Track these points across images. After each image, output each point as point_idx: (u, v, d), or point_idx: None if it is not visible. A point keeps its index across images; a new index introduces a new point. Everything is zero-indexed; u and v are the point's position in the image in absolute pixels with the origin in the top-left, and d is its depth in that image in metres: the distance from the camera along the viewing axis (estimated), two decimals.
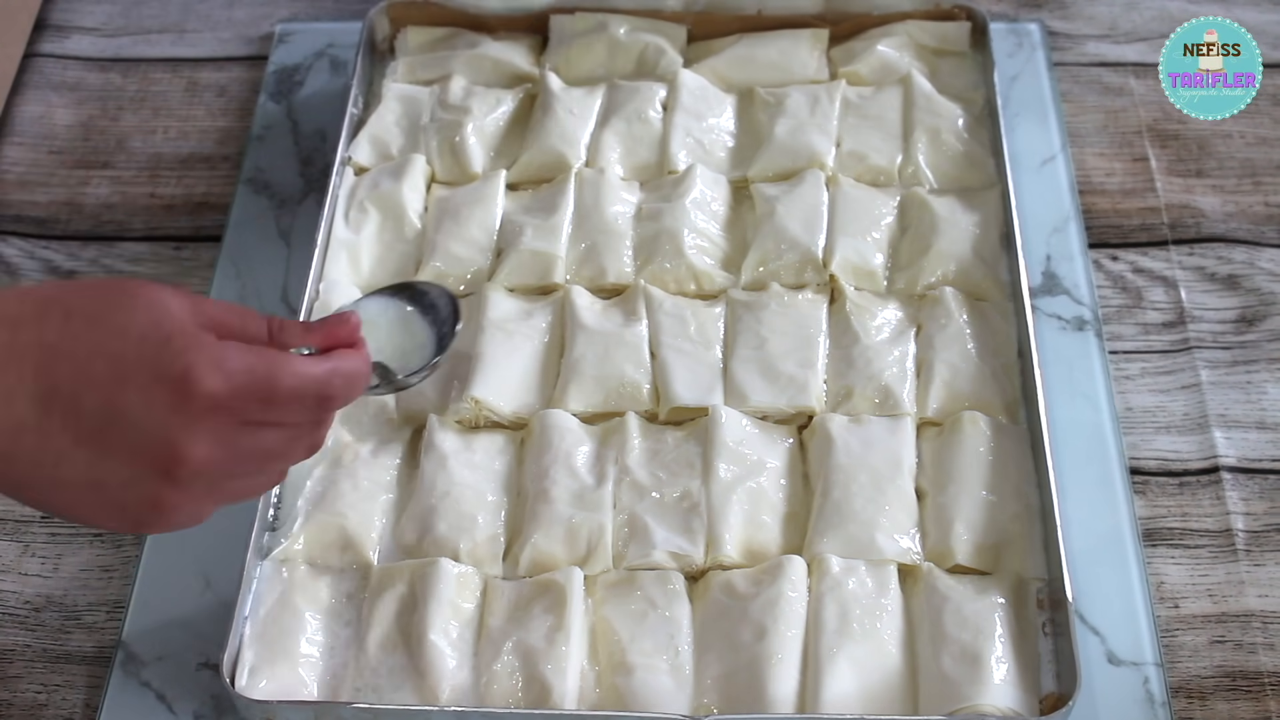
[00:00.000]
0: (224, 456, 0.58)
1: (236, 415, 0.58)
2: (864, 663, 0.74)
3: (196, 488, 0.58)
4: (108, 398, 0.56)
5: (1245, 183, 1.00)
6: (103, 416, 0.56)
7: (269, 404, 0.59)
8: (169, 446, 0.56)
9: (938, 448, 0.83)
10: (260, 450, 0.60)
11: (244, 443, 0.59)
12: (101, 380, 0.56)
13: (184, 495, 0.58)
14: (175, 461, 0.57)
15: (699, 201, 0.94)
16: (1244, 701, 0.76)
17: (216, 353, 0.57)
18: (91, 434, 0.56)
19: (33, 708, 0.77)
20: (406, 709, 0.72)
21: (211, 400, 0.56)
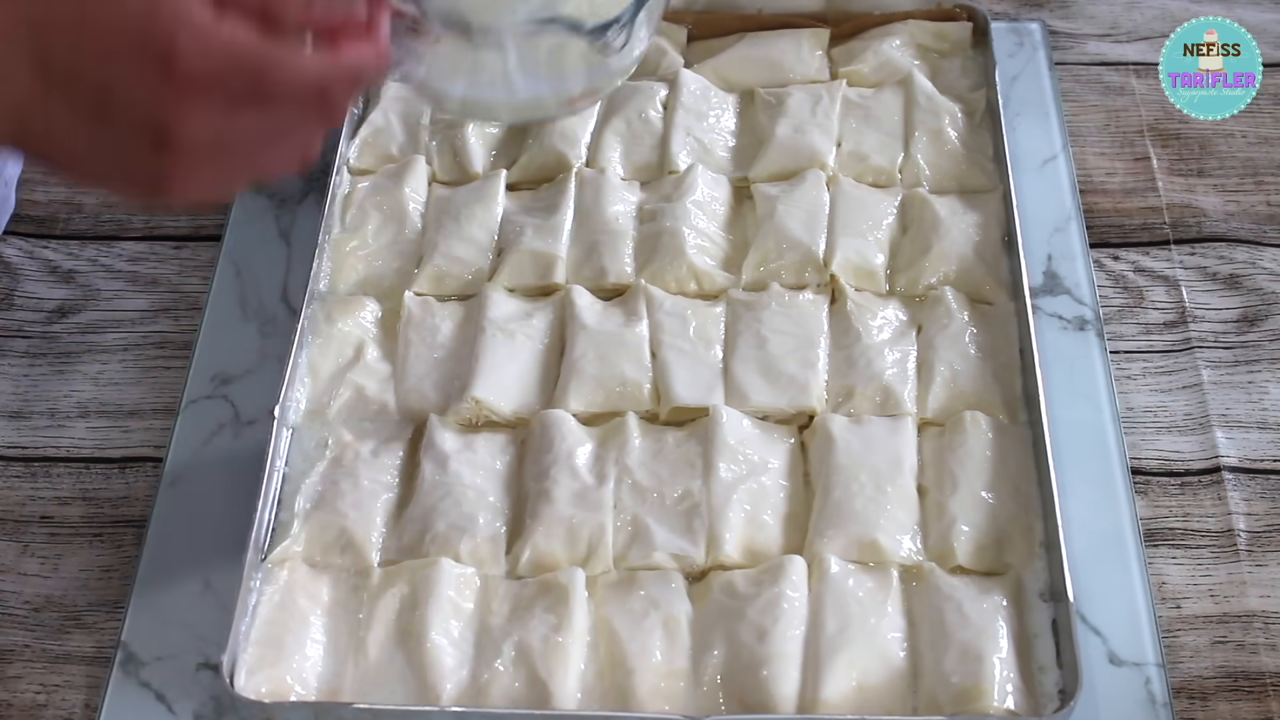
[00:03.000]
0: (215, 136, 0.57)
1: (224, 96, 0.56)
2: (864, 663, 0.74)
3: (196, 162, 0.57)
4: (99, 72, 0.55)
5: (1247, 182, 1.00)
6: (96, 91, 0.56)
7: (259, 95, 0.57)
8: (157, 121, 0.56)
9: (939, 448, 0.82)
10: (256, 134, 0.58)
11: (237, 125, 0.57)
12: (93, 55, 0.55)
13: (184, 168, 0.57)
14: (165, 136, 0.56)
15: (700, 201, 0.94)
16: (1245, 702, 0.76)
17: (203, 32, 0.55)
18: (89, 109, 0.56)
19: (32, 708, 0.77)
20: (406, 709, 0.72)
21: (194, 79, 0.55)
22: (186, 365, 0.90)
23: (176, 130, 0.56)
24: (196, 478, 0.85)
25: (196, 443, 0.86)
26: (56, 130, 0.57)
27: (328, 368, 0.87)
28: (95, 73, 0.55)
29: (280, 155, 0.61)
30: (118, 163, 0.58)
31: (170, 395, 0.89)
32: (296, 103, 0.58)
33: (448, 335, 0.88)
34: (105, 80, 0.55)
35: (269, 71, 0.56)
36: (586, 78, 0.76)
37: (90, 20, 0.55)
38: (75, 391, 0.90)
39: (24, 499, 0.85)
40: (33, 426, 0.89)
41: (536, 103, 0.76)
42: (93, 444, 0.88)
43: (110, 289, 0.96)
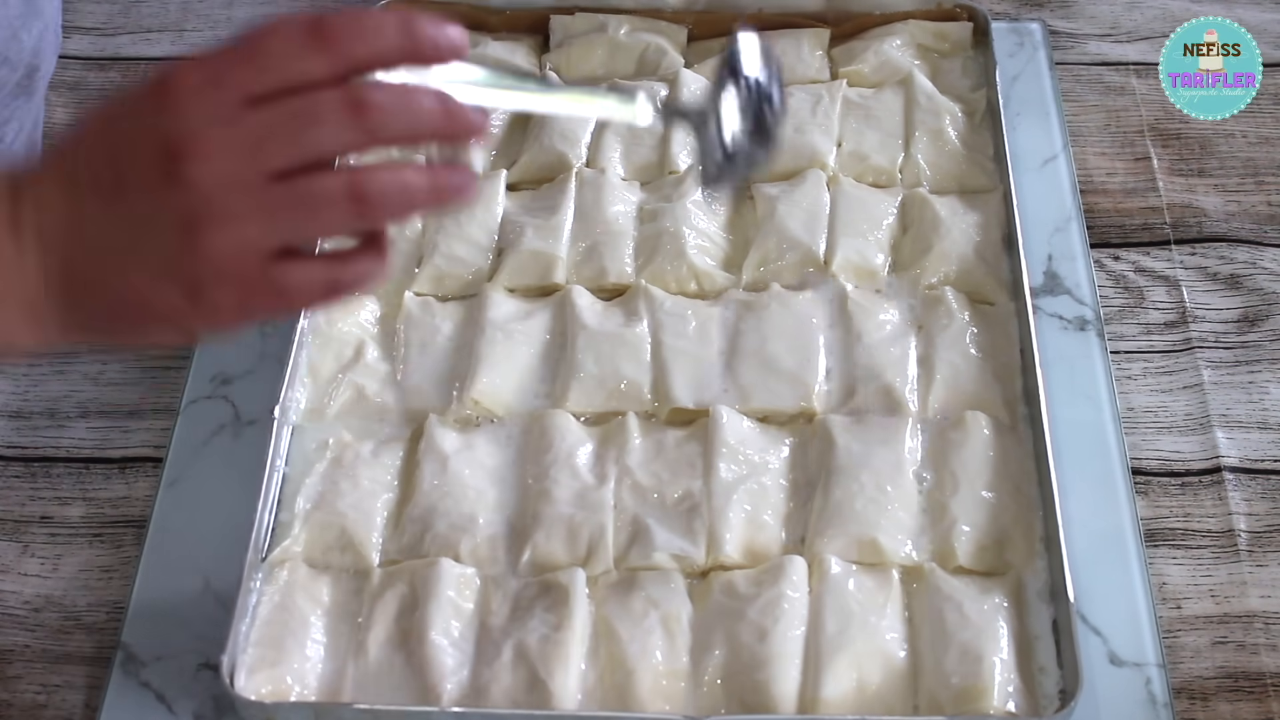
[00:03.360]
0: (230, 137, 0.51)
1: (232, 90, 0.51)
2: (864, 663, 0.73)
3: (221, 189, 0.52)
4: (108, 145, 0.54)
5: (1247, 182, 1.00)
6: (109, 163, 0.53)
7: (254, 58, 0.52)
8: (161, 142, 0.52)
9: (939, 448, 0.82)
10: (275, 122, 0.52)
11: (251, 118, 0.52)
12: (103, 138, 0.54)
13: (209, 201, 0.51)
14: (173, 153, 0.51)
15: (700, 201, 0.94)
16: (1246, 702, 0.76)
17: (195, 57, 0.52)
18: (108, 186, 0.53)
19: (32, 708, 0.77)
20: (406, 709, 0.72)
21: (191, 84, 0.51)
22: (186, 365, 0.90)
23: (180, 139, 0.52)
24: (196, 478, 0.85)
25: (196, 443, 0.86)
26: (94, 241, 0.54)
27: (328, 368, 0.87)
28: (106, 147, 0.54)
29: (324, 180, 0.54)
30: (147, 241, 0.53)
31: (170, 395, 0.89)
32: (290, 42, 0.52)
33: (448, 335, 0.88)
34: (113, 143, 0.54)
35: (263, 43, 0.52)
36: None
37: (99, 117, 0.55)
38: (75, 391, 0.90)
39: (24, 499, 0.85)
40: (33, 426, 0.89)
41: None
42: (93, 444, 0.88)
43: None
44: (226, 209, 0.52)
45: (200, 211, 0.52)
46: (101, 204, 0.54)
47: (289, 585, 0.77)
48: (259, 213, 0.52)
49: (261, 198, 0.52)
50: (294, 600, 0.76)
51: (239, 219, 0.52)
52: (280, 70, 0.52)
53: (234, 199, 0.52)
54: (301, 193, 0.53)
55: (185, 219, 0.52)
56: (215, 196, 0.52)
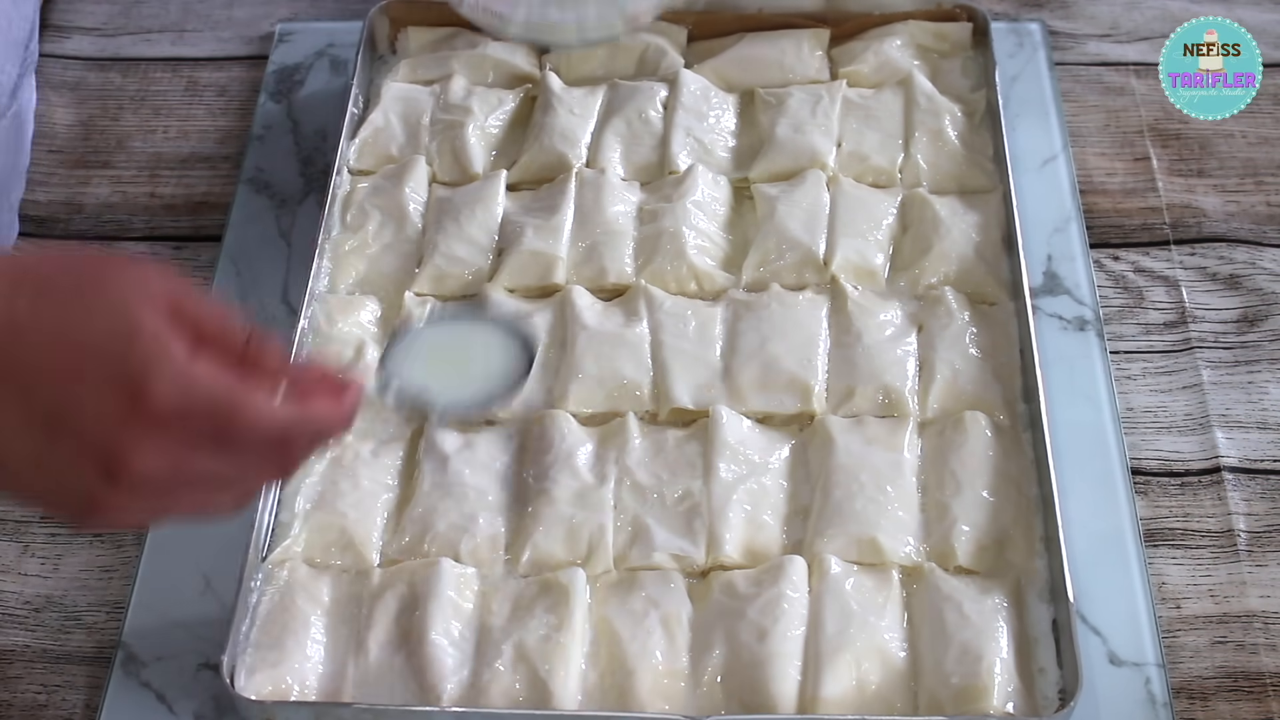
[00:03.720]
0: (169, 473, 0.56)
1: (188, 436, 0.55)
2: (864, 663, 0.74)
3: (138, 496, 0.56)
4: (61, 388, 0.54)
5: (1247, 182, 1.00)
6: (53, 406, 0.54)
7: (223, 434, 0.56)
8: (112, 451, 0.54)
9: (939, 448, 0.82)
10: (209, 475, 0.58)
11: (193, 464, 0.56)
12: (58, 370, 0.54)
13: (124, 499, 0.56)
14: (117, 466, 0.54)
15: (700, 202, 0.94)
16: (1245, 702, 0.76)
17: (179, 368, 0.54)
18: (41, 420, 0.54)
19: (33, 708, 0.77)
20: (407, 709, 0.72)
21: (163, 415, 0.54)
22: None
23: (129, 462, 0.54)
24: None
25: None
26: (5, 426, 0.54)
27: None
28: (57, 389, 0.54)
29: (222, 498, 0.60)
30: (55, 481, 0.56)
31: None
32: (257, 449, 0.58)
33: None
34: (66, 399, 0.54)
35: (236, 415, 0.56)
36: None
37: (65, 330, 0.54)
38: None
39: None
40: None
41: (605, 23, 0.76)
42: None
43: None
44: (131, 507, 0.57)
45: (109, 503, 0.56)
46: (23, 422, 0.54)
47: (289, 585, 0.77)
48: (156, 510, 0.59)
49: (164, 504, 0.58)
50: (294, 600, 0.77)
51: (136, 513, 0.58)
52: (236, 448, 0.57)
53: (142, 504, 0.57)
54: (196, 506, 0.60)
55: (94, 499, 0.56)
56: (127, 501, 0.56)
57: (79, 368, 0.54)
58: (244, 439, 0.57)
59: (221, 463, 0.57)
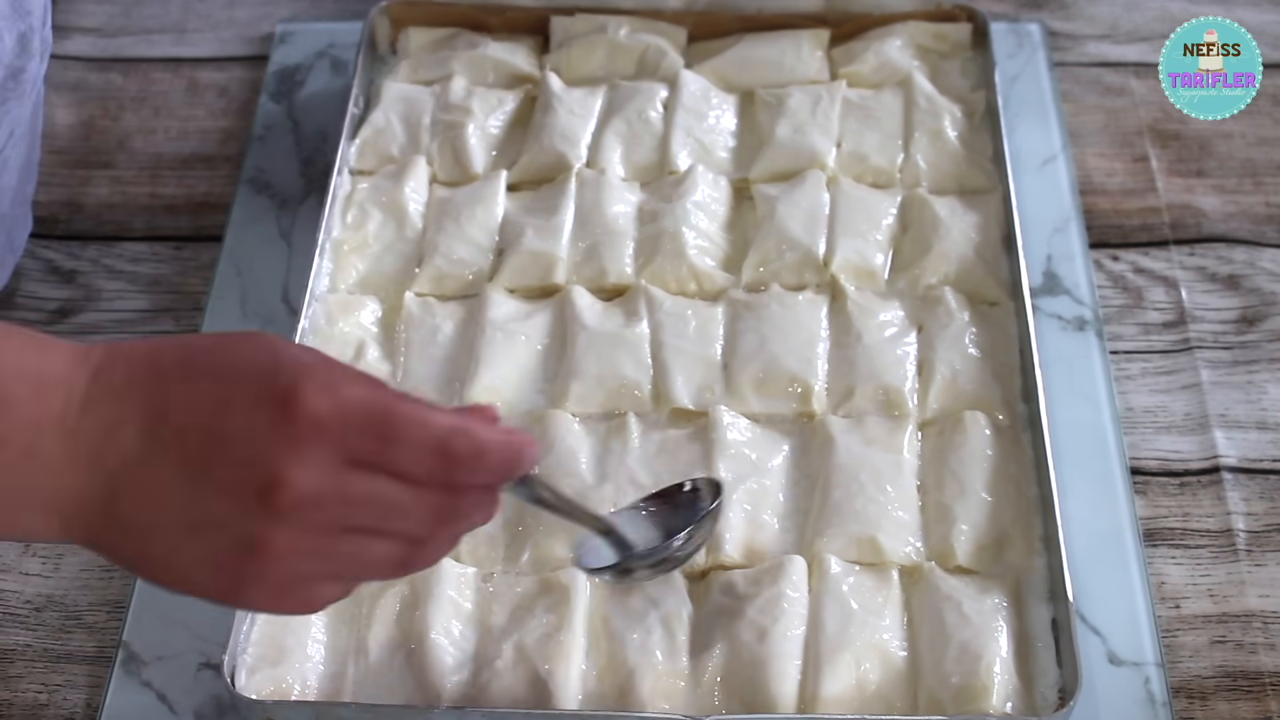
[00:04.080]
0: (328, 491, 0.52)
1: (346, 449, 0.52)
2: (864, 662, 0.74)
3: (298, 529, 0.52)
4: (211, 421, 0.52)
5: (1246, 182, 1.00)
6: (205, 441, 0.52)
7: (383, 442, 0.53)
8: (268, 469, 0.51)
9: (939, 447, 0.83)
10: (373, 498, 0.53)
11: (353, 483, 0.53)
12: (207, 404, 0.52)
13: (283, 533, 0.52)
14: (274, 487, 0.51)
15: (700, 202, 0.94)
16: (1245, 702, 0.76)
17: (331, 378, 0.53)
18: (192, 463, 0.52)
19: (34, 708, 0.77)
20: (407, 709, 0.72)
21: (317, 424, 0.51)
22: None
23: (286, 479, 0.51)
24: None
25: None
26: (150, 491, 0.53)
27: None
28: (207, 420, 0.52)
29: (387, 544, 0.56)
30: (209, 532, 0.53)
31: None
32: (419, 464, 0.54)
33: (448, 335, 0.88)
34: (216, 427, 0.52)
35: (395, 418, 0.53)
36: None
37: (211, 371, 0.53)
38: None
39: None
40: None
41: None
42: None
43: (111, 289, 0.96)
44: (294, 548, 0.53)
45: (272, 543, 0.52)
46: (176, 472, 0.52)
47: None
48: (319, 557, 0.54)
49: (329, 546, 0.54)
50: None
51: (300, 557, 0.53)
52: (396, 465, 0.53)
53: (305, 542, 0.53)
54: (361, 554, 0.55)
55: (255, 541, 0.52)
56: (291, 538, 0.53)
57: (227, 398, 0.52)
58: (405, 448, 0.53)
59: (383, 485, 0.53)
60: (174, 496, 0.52)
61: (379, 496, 0.54)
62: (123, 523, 0.53)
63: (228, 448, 0.52)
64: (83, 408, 0.53)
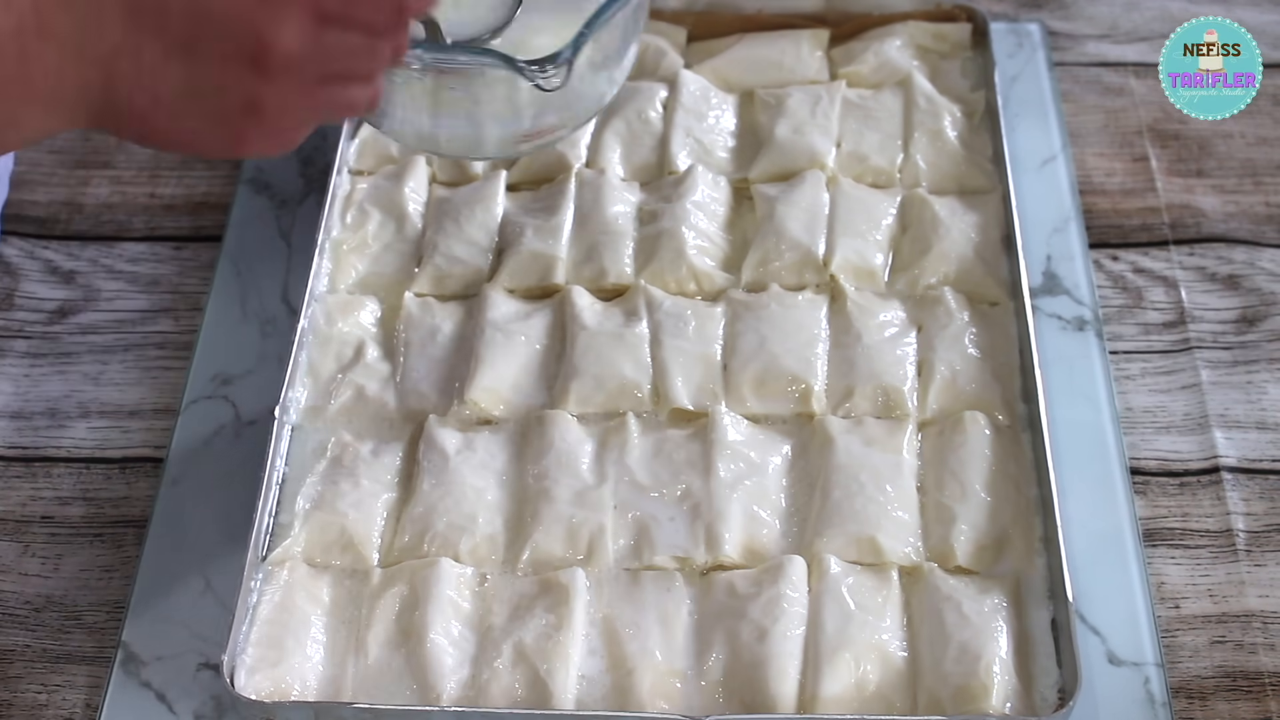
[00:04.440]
0: (310, 48, 0.59)
1: (318, 8, 0.58)
2: (864, 662, 0.74)
3: (288, 84, 0.59)
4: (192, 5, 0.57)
5: (1246, 182, 1.00)
6: (189, 19, 0.57)
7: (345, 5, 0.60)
8: (256, 36, 0.57)
9: (938, 447, 0.83)
10: (344, 47, 0.61)
11: (328, 37, 0.59)
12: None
13: (277, 91, 0.59)
14: (263, 51, 0.57)
15: (699, 202, 0.94)
16: (1244, 702, 0.76)
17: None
18: (181, 41, 0.57)
19: (33, 708, 0.77)
20: (406, 709, 0.72)
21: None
22: (187, 365, 0.90)
23: (273, 42, 0.57)
24: (196, 478, 0.85)
25: (196, 443, 0.86)
26: (144, 72, 0.57)
27: (328, 368, 0.87)
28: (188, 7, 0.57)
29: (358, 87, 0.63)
30: (208, 96, 0.59)
31: (170, 395, 0.90)
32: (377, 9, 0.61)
33: (448, 335, 0.88)
34: (198, 7, 0.57)
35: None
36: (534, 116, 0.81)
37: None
38: (75, 392, 0.90)
39: (24, 499, 0.85)
40: (33, 427, 0.89)
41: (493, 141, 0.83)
42: (93, 444, 0.88)
43: (111, 289, 0.96)
44: (285, 102, 0.60)
45: (267, 100, 0.59)
46: (165, 53, 0.57)
47: (289, 585, 0.77)
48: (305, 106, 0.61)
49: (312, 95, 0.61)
50: (294, 600, 0.77)
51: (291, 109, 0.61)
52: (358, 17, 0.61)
53: (294, 95, 0.60)
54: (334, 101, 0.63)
55: (252, 101, 0.59)
56: (282, 94, 0.59)
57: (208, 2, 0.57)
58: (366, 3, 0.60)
59: (352, 36, 0.61)
60: (168, 72, 0.58)
61: (349, 47, 0.61)
62: (123, 103, 0.58)
63: (214, 22, 0.57)
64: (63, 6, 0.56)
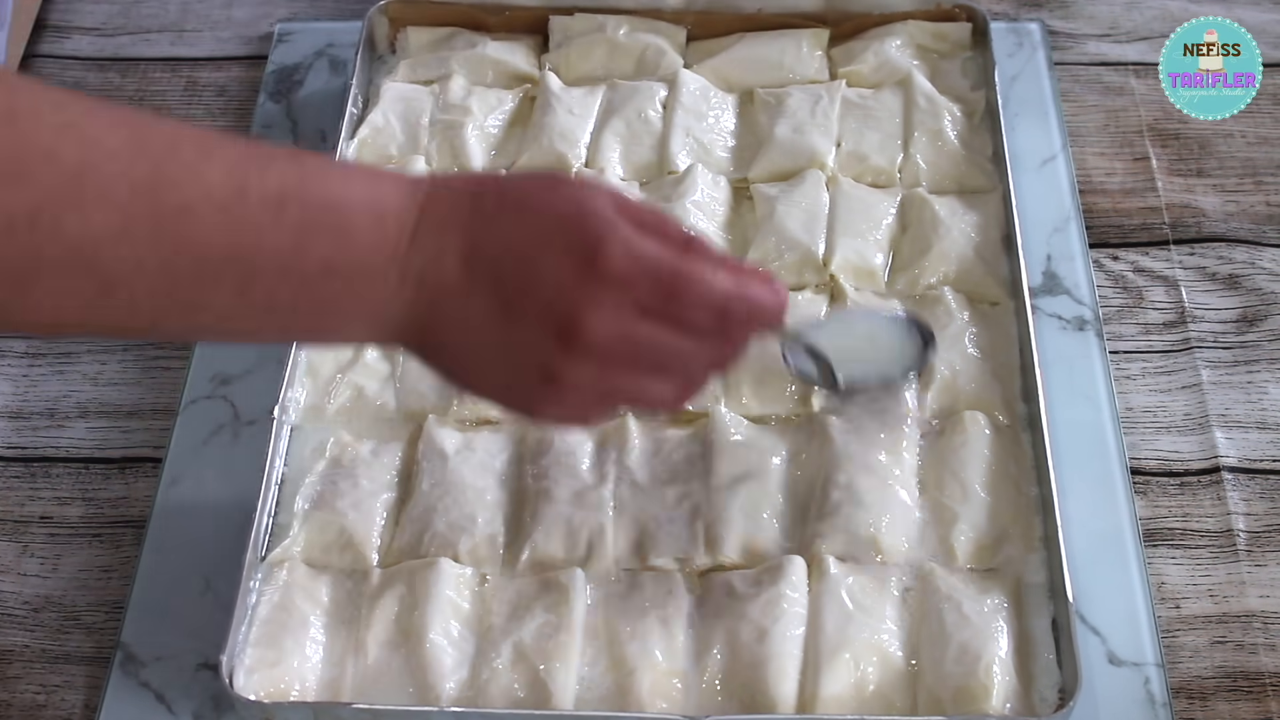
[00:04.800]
0: (619, 337, 0.60)
1: (637, 300, 0.60)
2: (864, 663, 0.74)
3: (587, 366, 0.61)
4: (524, 263, 0.60)
5: (1246, 182, 1.00)
6: (518, 280, 0.60)
7: (669, 298, 0.60)
8: (569, 314, 0.59)
9: (939, 447, 0.82)
10: (657, 345, 0.62)
11: (641, 330, 0.61)
12: (520, 247, 0.60)
13: (575, 369, 0.61)
14: (574, 329, 0.59)
15: (699, 201, 0.94)
16: (1245, 702, 0.76)
17: (628, 237, 0.60)
18: (506, 297, 0.60)
19: (32, 708, 0.77)
20: (406, 709, 0.72)
21: (614, 276, 0.59)
22: (186, 365, 0.90)
23: (584, 323, 0.59)
24: (196, 478, 0.85)
25: (196, 443, 0.86)
26: (469, 315, 0.60)
27: (328, 368, 0.87)
28: (520, 262, 0.60)
29: (665, 384, 0.64)
30: (516, 353, 0.61)
31: (170, 395, 0.89)
32: (700, 320, 0.62)
33: None
34: (528, 269, 0.60)
35: (680, 279, 0.60)
36: None
37: (525, 219, 0.61)
38: (75, 391, 0.90)
39: (24, 499, 0.85)
40: (33, 426, 0.89)
41: None
42: (92, 444, 0.88)
43: None
44: (584, 381, 0.61)
45: (566, 375, 0.61)
46: (489, 300, 0.60)
47: (288, 585, 0.77)
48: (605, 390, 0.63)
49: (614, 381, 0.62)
50: (293, 600, 0.77)
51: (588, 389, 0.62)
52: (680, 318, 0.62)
53: (595, 377, 0.62)
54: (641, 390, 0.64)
55: (553, 371, 0.61)
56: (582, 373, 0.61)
57: (539, 243, 0.60)
58: (689, 305, 0.61)
59: (666, 334, 0.61)
60: (485, 321, 0.61)
61: (662, 344, 0.62)
62: (439, 341, 0.62)
63: (536, 286, 0.60)
64: (412, 238, 0.60)
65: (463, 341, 0.62)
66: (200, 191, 0.55)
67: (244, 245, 0.56)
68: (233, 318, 0.59)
